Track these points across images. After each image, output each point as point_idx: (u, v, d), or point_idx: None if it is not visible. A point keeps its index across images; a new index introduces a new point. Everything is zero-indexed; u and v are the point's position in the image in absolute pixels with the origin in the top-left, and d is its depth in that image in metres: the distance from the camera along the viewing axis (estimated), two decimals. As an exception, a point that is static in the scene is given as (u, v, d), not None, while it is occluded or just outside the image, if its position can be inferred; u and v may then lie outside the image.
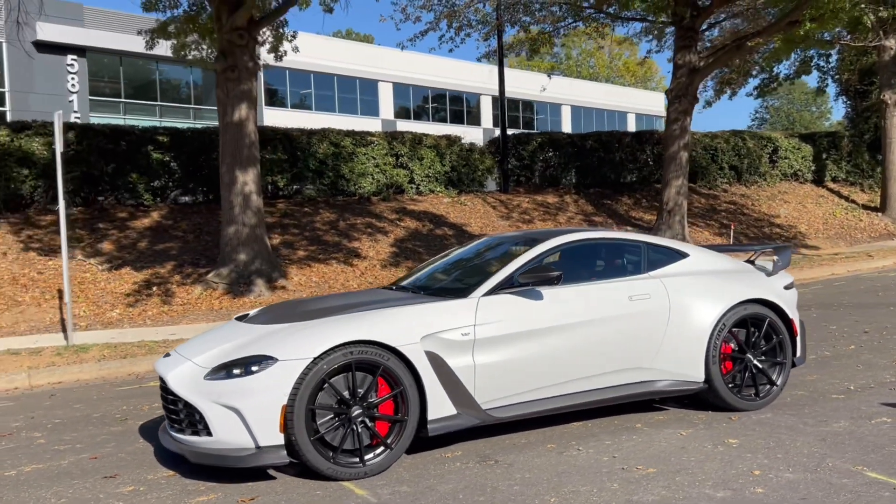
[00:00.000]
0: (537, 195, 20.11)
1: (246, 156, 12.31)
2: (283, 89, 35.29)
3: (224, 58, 12.22)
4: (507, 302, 4.97)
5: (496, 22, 20.15)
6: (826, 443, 4.71)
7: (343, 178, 17.22)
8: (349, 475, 4.39)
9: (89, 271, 12.53)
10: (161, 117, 31.96)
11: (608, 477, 4.27)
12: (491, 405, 4.84)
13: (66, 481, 4.61)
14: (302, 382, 4.28)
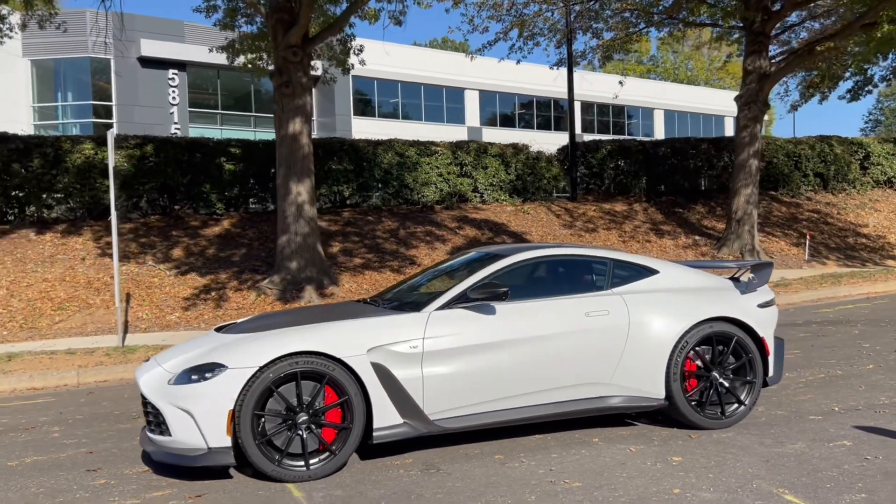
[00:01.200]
0: (605, 203, 19.97)
1: (300, 167, 12.88)
2: (372, 99, 36.21)
3: (280, 74, 12.84)
4: (458, 317, 5.17)
5: (566, 29, 20.18)
6: (768, 464, 4.69)
7: (407, 187, 17.66)
8: (293, 477, 4.71)
9: (157, 276, 13.39)
10: (255, 128, 33.42)
11: (531, 489, 4.42)
12: (439, 416, 5.05)
13: (54, 473, 5.13)
14: (248, 389, 4.63)
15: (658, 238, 17.98)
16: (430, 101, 37.44)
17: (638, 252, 16.97)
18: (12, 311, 11.79)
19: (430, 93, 37.27)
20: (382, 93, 36.36)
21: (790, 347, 8.73)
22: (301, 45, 12.74)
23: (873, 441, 5.07)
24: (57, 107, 30.64)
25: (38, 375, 8.67)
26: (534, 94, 40.23)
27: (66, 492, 4.71)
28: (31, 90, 30.27)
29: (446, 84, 37.28)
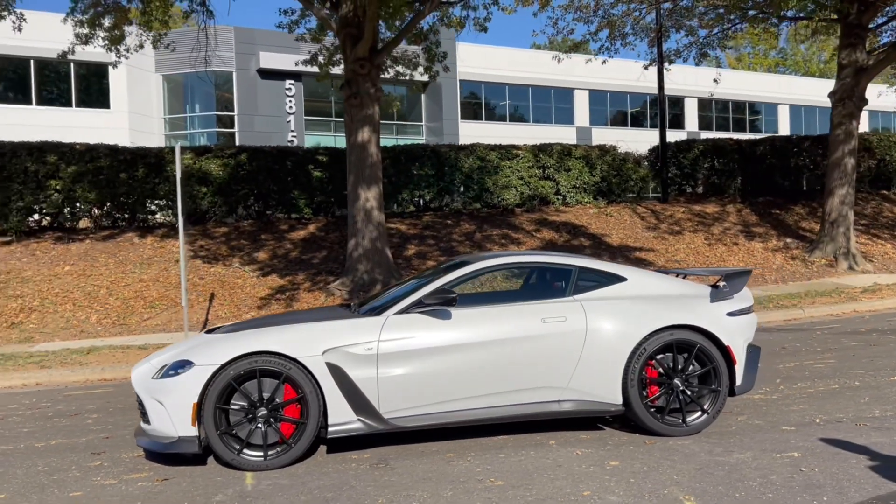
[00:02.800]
0: (696, 205, 19.50)
1: (368, 175, 13.47)
2: (479, 102, 36.67)
3: (349, 86, 13.48)
4: (415, 321, 5.48)
5: (656, 27, 19.87)
6: (698, 472, 4.74)
7: (487, 190, 17.97)
8: (251, 466, 5.18)
9: (241, 277, 14.37)
10: (397, 135, 34.64)
11: (453, 486, 4.69)
12: (394, 414, 5.39)
13: (65, 454, 5.85)
14: (211, 385, 5.14)
15: (747, 241, 17.40)
16: (538, 102, 37.49)
17: (722, 255, 16.52)
18: (108, 308, 13.02)
19: (538, 94, 37.31)
20: (490, 95, 36.74)
21: (829, 355, 8.44)
22: (368, 58, 13.32)
23: (823, 454, 4.99)
24: (185, 118, 32.95)
25: (109, 368, 9.63)
26: (646, 91, 39.36)
27: (63, 471, 5.39)
28: (162, 103, 32.72)
29: (555, 85, 37.16)
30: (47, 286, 13.51)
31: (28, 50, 27.76)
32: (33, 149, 15.57)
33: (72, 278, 13.88)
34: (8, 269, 13.97)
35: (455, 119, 35.18)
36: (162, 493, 4.82)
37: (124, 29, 15.59)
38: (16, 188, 15.23)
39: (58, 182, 15.45)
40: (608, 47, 19.58)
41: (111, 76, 30.62)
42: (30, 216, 15.60)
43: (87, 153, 15.84)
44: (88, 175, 15.62)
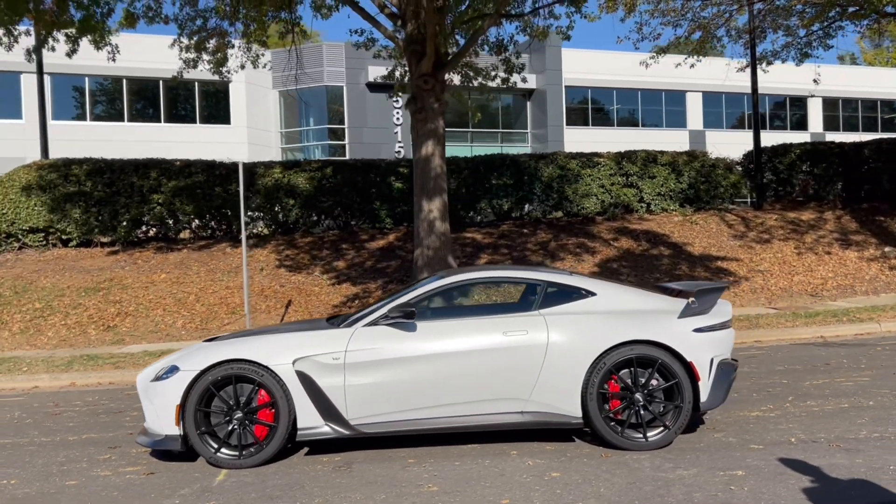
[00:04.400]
0: (791, 211, 18.67)
1: (432, 186, 13.86)
2: (586, 108, 36.37)
3: (414, 101, 13.93)
4: (382, 332, 5.81)
5: (749, 27, 19.25)
6: (628, 486, 4.82)
7: (566, 199, 17.97)
8: (228, 465, 5.67)
9: (319, 285, 15.11)
10: (472, 143, 35.15)
11: (390, 490, 4.99)
12: (360, 421, 5.73)
13: (85, 448, 6.56)
14: (192, 389, 5.67)
15: (841, 249, 16.53)
16: (647, 105, 36.77)
17: (811, 265, 15.80)
18: (194, 313, 14.06)
19: (647, 97, 36.60)
20: (597, 100, 36.38)
21: (867, 373, 8.08)
22: (432, 73, 13.72)
23: (767, 474, 4.92)
24: (300, 131, 34.60)
25: (174, 369, 10.48)
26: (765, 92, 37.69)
27: (75, 462, 6.08)
28: (279, 118, 34.52)
29: (666, 87, 36.32)
30: (143, 292, 14.72)
31: (156, 71, 30.00)
32: (139, 165, 16.99)
33: (166, 285, 15.05)
34: (111, 277, 15.33)
35: (560, 126, 35.09)
36: (141, 484, 5.38)
37: (227, 52, 16.65)
38: (123, 202, 16.67)
39: (160, 196, 16.77)
40: (696, 49, 19.16)
41: (232, 94, 32.64)
42: (135, 228, 17.00)
43: (186, 169, 17.10)
44: (186, 189, 16.86)
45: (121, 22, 15.50)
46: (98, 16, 14.28)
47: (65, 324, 13.67)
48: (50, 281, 15.13)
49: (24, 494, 5.25)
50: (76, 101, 31.51)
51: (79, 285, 14.96)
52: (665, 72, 36.60)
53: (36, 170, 16.88)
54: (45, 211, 16.43)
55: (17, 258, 16.36)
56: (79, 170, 16.79)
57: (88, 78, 30.94)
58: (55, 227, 16.56)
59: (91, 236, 16.88)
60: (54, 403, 8.85)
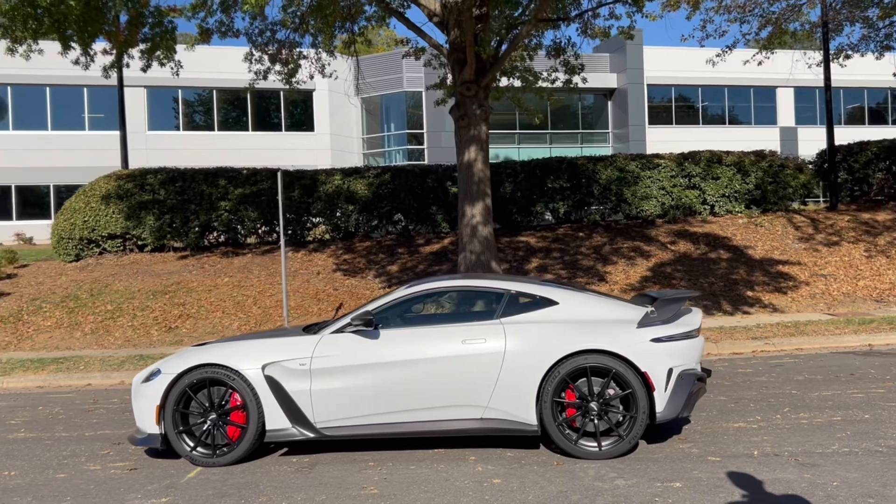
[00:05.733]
0: (867, 212, 17.77)
1: (475, 192, 14.01)
2: (669, 106, 35.53)
3: (457, 108, 14.11)
4: (347, 340, 6.03)
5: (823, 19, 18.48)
6: (559, 494, 4.88)
7: (625, 201, 17.72)
8: (202, 462, 6.02)
9: (370, 289, 15.50)
10: (551, 144, 34.97)
11: (333, 491, 5.21)
12: (325, 424, 5.97)
13: (92, 443, 7.07)
14: (171, 391, 6.05)
15: (916, 252, 15.64)
16: (735, 102, 35.59)
17: (880, 269, 15.03)
18: (250, 316, 14.69)
19: (735, 94, 35.43)
20: (681, 98, 35.49)
21: (886, 385, 7.72)
22: (474, 80, 13.86)
23: (701, 487, 4.87)
24: (381, 137, 35.32)
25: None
26: (864, 86, 35.86)
27: (76, 456, 6.58)
28: (361, 125, 35.35)
29: (755, 84, 35.05)
30: (206, 295, 15.49)
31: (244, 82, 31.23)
32: (208, 174, 17.86)
33: (228, 289, 15.78)
34: (179, 280, 16.19)
35: (642, 125, 34.44)
36: (118, 479, 5.79)
37: (299, 62, 17.20)
38: (193, 209, 17.57)
39: (227, 203, 17.58)
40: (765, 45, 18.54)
41: (315, 102, 33.66)
42: (204, 233, 17.87)
43: (252, 177, 17.86)
44: (252, 196, 17.61)
45: (195, 37, 16.31)
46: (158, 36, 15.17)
47: (131, 325, 14.55)
48: (123, 284, 16.12)
49: (16, 485, 5.75)
50: (171, 112, 33.21)
51: (148, 288, 15.88)
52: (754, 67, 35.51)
53: (115, 179, 18.00)
54: (123, 218, 17.50)
55: (98, 262, 17.50)
56: (153, 179, 17.79)
57: (181, 90, 32.57)
58: (131, 233, 17.61)
59: (164, 241, 17.85)
60: (94, 400, 9.51)
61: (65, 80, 29.62)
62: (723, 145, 21.90)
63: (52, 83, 31.17)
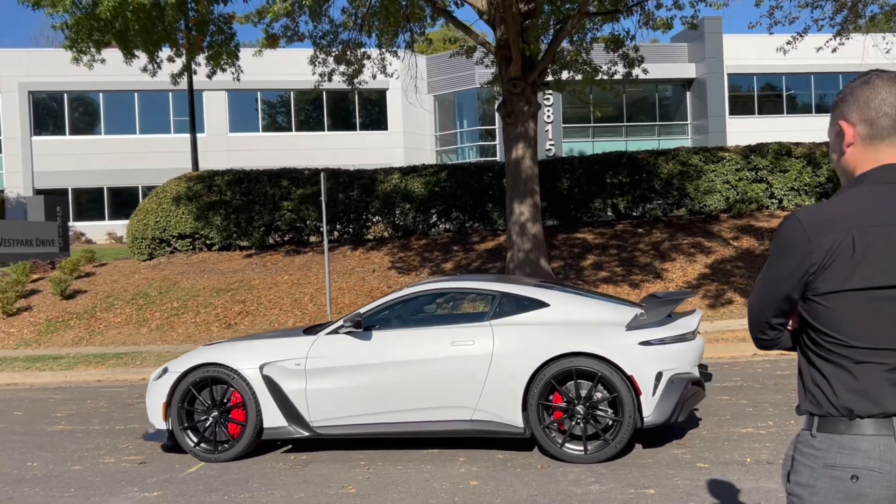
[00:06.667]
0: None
1: (523, 189, 13.93)
2: (751, 96, 34.30)
3: (504, 105, 14.05)
4: (340, 341, 6.14)
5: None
6: (529, 498, 4.83)
7: (687, 196, 17.25)
8: (205, 458, 6.25)
9: (423, 287, 15.61)
10: (627, 137, 34.31)
11: (313, 489, 5.32)
12: (320, 423, 6.11)
13: (118, 437, 7.43)
14: (176, 388, 6.30)
15: None
16: (823, 90, 34.04)
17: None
18: (305, 313, 15.05)
19: (822, 82, 33.89)
20: (763, 88, 34.19)
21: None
22: (521, 77, 13.77)
23: (676, 494, 4.75)
24: (454, 133, 35.45)
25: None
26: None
27: (98, 449, 6.93)
28: (434, 122, 35.58)
29: (844, 70, 33.37)
30: (266, 293, 15.96)
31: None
32: (271, 175, 18.37)
33: (287, 286, 16.21)
34: (241, 278, 16.73)
35: (722, 116, 33.36)
36: (125, 472, 6.08)
37: (363, 63, 17.44)
38: (257, 209, 18.11)
39: (289, 203, 18.04)
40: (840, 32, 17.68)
41: (388, 101, 34.08)
42: (268, 233, 18.39)
43: (313, 177, 18.25)
44: (313, 196, 18.00)
45: (263, 42, 16.79)
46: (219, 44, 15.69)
47: (194, 321, 15.14)
48: (190, 282, 16.77)
49: (32, 476, 6.11)
50: (251, 114, 34.26)
51: (213, 286, 16.47)
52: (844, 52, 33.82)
53: (185, 181, 18.73)
54: (192, 218, 18.19)
55: (168, 261, 18.26)
56: (220, 180, 18.42)
57: (261, 92, 33.54)
58: (200, 232, 18.29)
59: (231, 241, 18.47)
60: (139, 395, 9.95)
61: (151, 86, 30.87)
62: (810, 135, 21.11)
63: (139, 89, 32.60)
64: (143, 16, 13.26)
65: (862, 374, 1.81)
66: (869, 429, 1.79)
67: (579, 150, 31.83)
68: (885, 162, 1.89)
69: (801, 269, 1.85)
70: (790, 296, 1.90)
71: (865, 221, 1.80)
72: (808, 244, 1.83)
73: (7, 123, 32.55)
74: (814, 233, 1.83)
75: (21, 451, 6.99)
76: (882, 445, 1.78)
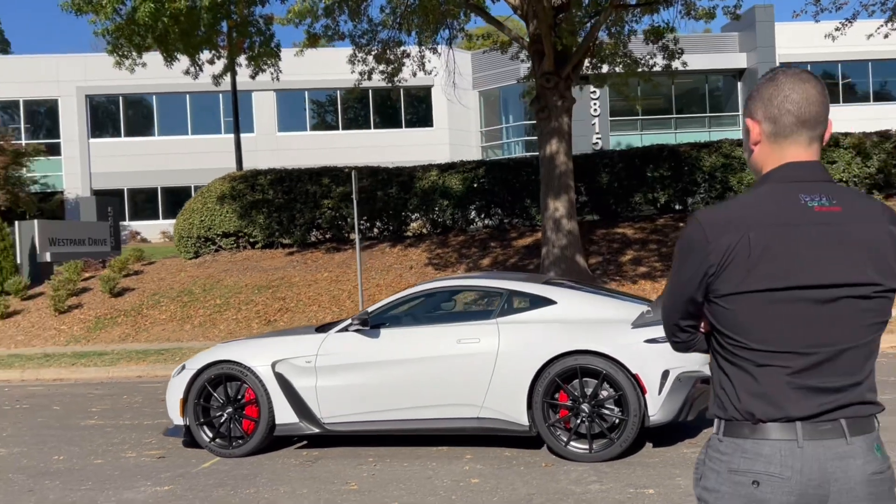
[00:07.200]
0: None
1: (557, 185, 13.83)
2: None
3: (538, 100, 13.97)
4: (349, 339, 6.20)
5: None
6: (525, 497, 4.81)
7: (730, 189, 16.88)
8: (220, 453, 6.38)
9: (460, 283, 15.63)
10: (676, 129, 33.72)
11: (317, 485, 5.40)
12: (330, 420, 6.18)
13: (144, 432, 7.62)
14: (192, 385, 6.44)
15: None
16: (882, 77, 32.91)
17: None
18: (343, 310, 15.21)
19: (881, 69, 32.77)
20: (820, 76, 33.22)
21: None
22: (554, 72, 13.67)
23: (675, 495, 4.69)
24: (500, 129, 35.35)
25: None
26: None
27: (122, 444, 7.13)
28: (479, 117, 35.53)
29: (908, 54, 32.28)
30: (305, 290, 16.18)
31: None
32: (312, 173, 18.60)
33: (326, 283, 16.41)
34: (283, 276, 16.99)
35: (775, 106, 32.43)
36: (143, 466, 6.25)
37: (403, 61, 17.51)
38: (299, 207, 18.35)
39: (330, 201, 18.23)
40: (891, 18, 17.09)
41: (433, 98, 34.15)
42: (309, 231, 18.62)
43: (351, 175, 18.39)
44: (352, 194, 18.14)
45: (304, 42, 17.00)
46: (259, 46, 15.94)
47: (235, 318, 15.43)
48: (233, 279, 17.10)
49: (56, 469, 6.32)
50: (299, 113, 34.72)
51: (255, 283, 16.76)
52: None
53: (229, 181, 19.09)
54: (236, 217, 18.53)
55: (213, 259, 18.65)
56: (263, 179, 18.73)
57: (308, 91, 33.99)
58: (244, 231, 18.62)
59: (273, 239, 18.76)
60: (173, 390, 10.20)
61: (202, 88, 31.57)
62: (869, 124, 20.51)
63: (191, 91, 33.29)
64: (183, 20, 13.54)
65: (764, 378, 1.76)
66: (771, 433, 1.75)
67: (627, 143, 31.43)
68: (789, 160, 1.84)
69: (701, 270, 1.81)
70: (694, 298, 1.86)
71: (764, 221, 1.76)
72: (707, 245, 1.79)
73: (66, 127, 33.66)
74: (712, 234, 1.79)
75: (51, 444, 7.23)
76: (784, 451, 1.73)
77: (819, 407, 1.74)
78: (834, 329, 1.74)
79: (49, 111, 34.39)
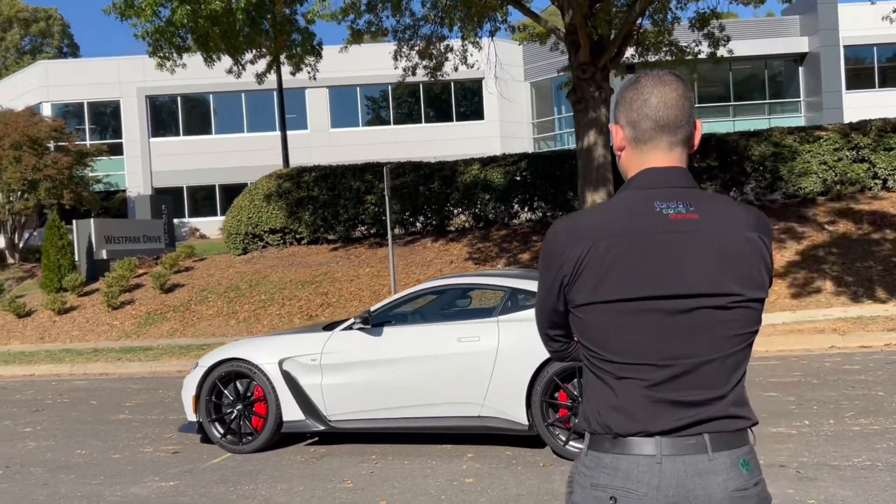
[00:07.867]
0: None
1: (595, 177, 13.62)
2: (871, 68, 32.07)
3: (574, 92, 13.76)
4: (353, 337, 6.22)
5: None
6: (514, 497, 4.74)
7: (780, 178, 16.36)
8: (230, 449, 6.49)
9: (500, 278, 15.55)
10: (734, 117, 32.83)
11: (313, 482, 5.43)
12: (335, 417, 6.22)
13: (165, 427, 7.80)
14: (204, 382, 6.56)
15: None
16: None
17: None
18: (382, 305, 15.29)
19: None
20: (886, 59, 31.89)
21: None
22: (590, 63, 13.44)
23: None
24: (552, 120, 34.99)
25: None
26: None
27: (145, 438, 7.31)
28: (531, 109, 35.24)
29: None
30: (347, 285, 16.33)
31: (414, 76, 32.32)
32: (356, 170, 18.74)
33: (368, 279, 16.52)
34: (326, 271, 17.18)
35: (838, 91, 31.32)
36: (157, 461, 6.39)
37: (446, 56, 17.48)
38: (342, 203, 18.52)
39: (373, 197, 18.34)
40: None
41: (485, 90, 33.97)
42: (353, 226, 18.78)
43: (395, 170, 18.46)
44: (395, 189, 18.21)
45: (348, 39, 17.14)
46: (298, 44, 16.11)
47: (278, 313, 15.68)
48: (279, 275, 17.37)
49: (75, 463, 6.52)
50: (352, 109, 35.01)
51: (299, 279, 17.00)
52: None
53: (275, 179, 19.39)
54: (282, 214, 18.81)
55: (261, 255, 18.97)
56: (308, 177, 18.95)
57: (360, 87, 34.23)
58: (289, 227, 18.89)
59: (318, 235, 18.98)
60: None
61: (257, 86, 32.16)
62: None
63: (246, 89, 33.90)
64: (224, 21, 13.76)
65: (622, 391, 1.69)
66: (631, 448, 1.67)
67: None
68: (649, 165, 1.76)
69: (557, 280, 1.74)
70: (556, 308, 1.80)
71: (614, 230, 1.67)
72: (561, 256, 1.72)
73: (128, 127, 34.66)
74: (566, 243, 1.72)
75: (78, 438, 7.47)
76: (642, 466, 1.65)
77: (678, 421, 1.65)
78: (692, 341, 1.65)
79: (113, 112, 35.47)
